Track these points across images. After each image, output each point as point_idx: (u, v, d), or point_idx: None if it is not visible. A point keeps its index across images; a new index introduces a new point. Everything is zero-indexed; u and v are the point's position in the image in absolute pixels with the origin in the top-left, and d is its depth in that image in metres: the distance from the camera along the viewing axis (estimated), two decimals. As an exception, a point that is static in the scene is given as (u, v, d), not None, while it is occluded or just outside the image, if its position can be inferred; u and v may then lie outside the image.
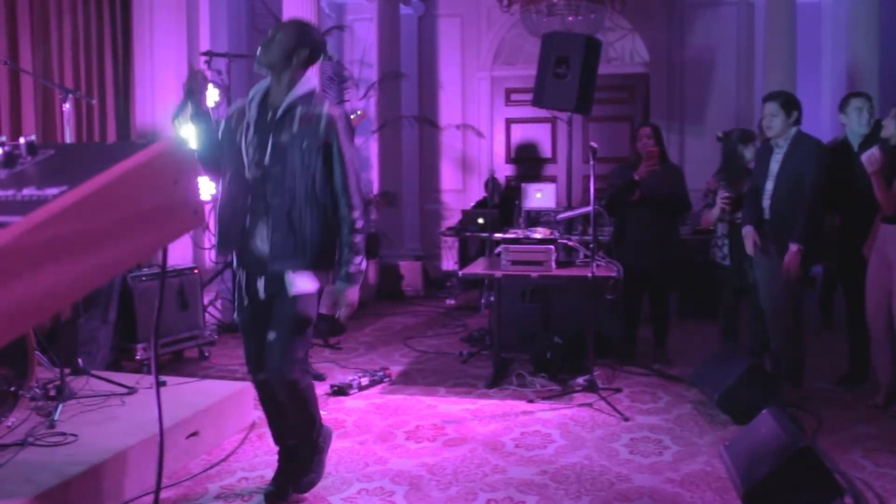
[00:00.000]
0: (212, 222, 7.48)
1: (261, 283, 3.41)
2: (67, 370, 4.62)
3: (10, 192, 0.78)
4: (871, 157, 4.63)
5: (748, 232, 5.19)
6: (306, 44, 3.38)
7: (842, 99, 5.54)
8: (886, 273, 4.80)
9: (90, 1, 6.62)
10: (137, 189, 0.77)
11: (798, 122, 5.03)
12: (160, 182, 0.80)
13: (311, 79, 3.45)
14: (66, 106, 4.59)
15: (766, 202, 5.05)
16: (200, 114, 3.31)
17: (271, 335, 3.38)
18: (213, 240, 7.47)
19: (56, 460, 3.62)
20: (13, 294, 0.64)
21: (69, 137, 4.56)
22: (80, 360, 4.84)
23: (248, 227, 3.39)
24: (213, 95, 7.21)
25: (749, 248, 5.19)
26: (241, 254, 3.45)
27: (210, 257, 7.61)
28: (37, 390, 4.35)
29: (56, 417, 4.09)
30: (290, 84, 3.34)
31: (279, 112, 3.31)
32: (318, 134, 3.31)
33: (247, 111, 3.37)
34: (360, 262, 3.48)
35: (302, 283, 3.37)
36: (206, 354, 6.38)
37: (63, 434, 3.91)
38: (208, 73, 7.27)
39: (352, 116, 5.87)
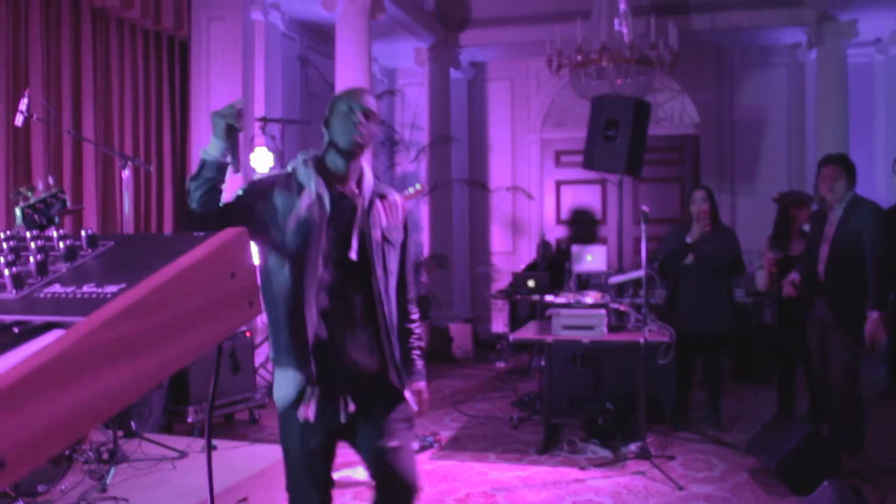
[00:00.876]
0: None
1: (345, 403, 2.66)
2: (120, 433, 4.66)
3: (70, 290, 0.79)
4: None
5: (793, 275, 5.13)
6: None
7: (894, 161, 5.45)
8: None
9: (150, 71, 6.84)
10: (196, 285, 0.78)
11: (854, 185, 4.96)
12: (218, 276, 0.81)
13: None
14: (126, 172, 4.71)
15: (821, 266, 4.96)
16: (233, 161, 2.61)
17: (393, 442, 2.71)
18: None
19: (108, 526, 3.64)
20: (72, 398, 0.66)
21: (128, 203, 4.67)
22: (132, 423, 4.89)
23: (336, 335, 2.65)
24: (266, 160, 7.36)
25: (785, 289, 5.13)
26: (320, 370, 2.62)
27: (262, 319, 7.67)
28: (90, 453, 4.40)
29: (108, 481, 4.13)
30: (360, 167, 2.77)
31: (367, 201, 2.72)
32: (400, 225, 2.85)
33: (308, 191, 2.63)
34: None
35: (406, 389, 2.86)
36: (257, 418, 6.40)
37: (115, 498, 3.94)
38: (263, 139, 7.43)
39: (409, 190, 5.90)
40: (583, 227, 10.61)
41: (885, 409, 6.35)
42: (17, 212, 3.28)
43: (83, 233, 0.91)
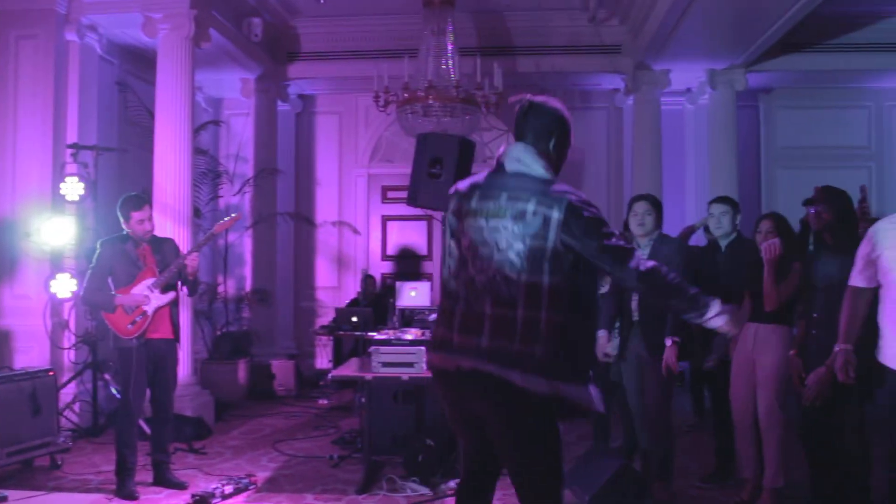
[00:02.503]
0: (72, 320, 7.19)
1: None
2: None
3: None
4: (771, 245, 4.78)
5: (601, 337, 5.28)
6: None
7: (709, 203, 5.72)
8: (750, 370, 4.93)
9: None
10: None
11: (661, 223, 5.19)
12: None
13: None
14: None
15: (634, 303, 5.14)
16: None
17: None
18: (73, 339, 7.14)
19: None
20: None
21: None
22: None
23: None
24: (77, 189, 6.99)
25: (599, 355, 5.27)
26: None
27: (69, 357, 7.24)
28: None
29: None
30: None
31: None
32: None
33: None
34: None
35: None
36: (59, 463, 5.98)
37: None
38: (75, 167, 7.05)
39: (225, 219, 5.74)
40: (408, 262, 10.64)
41: (690, 439, 6.64)
42: None
43: None
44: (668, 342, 4.91)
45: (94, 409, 7.11)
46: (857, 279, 3.93)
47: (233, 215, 5.78)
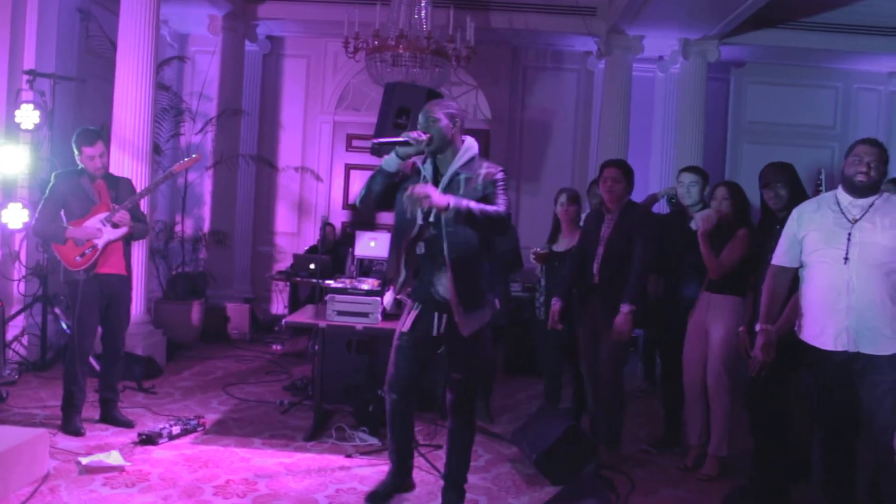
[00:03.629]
0: (23, 251, 7.04)
1: (436, 321, 3.98)
2: None
3: None
4: (707, 216, 4.82)
5: (553, 303, 5.32)
6: (457, 115, 3.94)
7: (679, 171, 5.70)
8: (703, 338, 4.98)
9: None
10: None
11: (631, 190, 5.18)
12: None
13: (472, 146, 4.00)
14: None
15: (596, 266, 5.14)
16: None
17: (456, 375, 4.05)
18: (24, 270, 6.99)
19: None
20: None
21: None
22: None
23: (427, 274, 3.97)
24: (32, 117, 6.80)
25: (549, 322, 5.30)
26: (416, 291, 4.03)
27: (18, 289, 7.10)
28: None
29: None
30: (453, 154, 3.95)
31: (446, 180, 3.91)
32: (478, 191, 3.86)
33: (423, 172, 3.95)
34: (471, 209, 3.71)
35: (476, 323, 3.95)
36: (4, 396, 5.88)
37: None
38: (31, 94, 6.86)
39: (185, 160, 5.66)
40: (369, 212, 10.56)
41: (640, 405, 6.71)
42: None
43: None
44: (625, 308, 4.92)
45: (43, 342, 7.00)
46: (781, 259, 4.01)
47: (193, 156, 5.69)
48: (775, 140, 10.31)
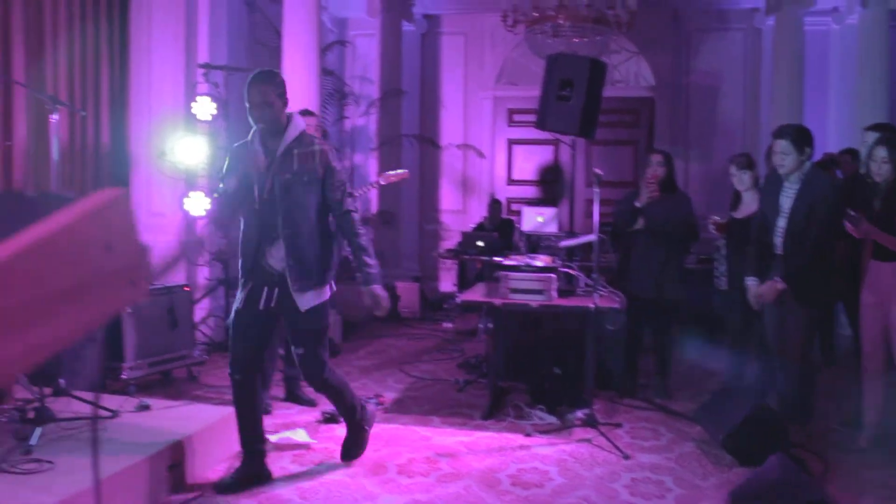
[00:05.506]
0: (205, 237, 7.37)
1: (265, 295, 3.98)
2: (48, 391, 4.44)
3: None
4: (856, 223, 4.54)
5: (750, 286, 5.01)
6: (282, 91, 3.96)
7: (864, 129, 5.32)
8: (882, 310, 4.64)
9: (87, 12, 6.48)
10: (59, 260, 0.60)
11: (810, 156, 4.85)
12: (89, 249, 0.63)
13: (299, 122, 4.02)
14: (55, 117, 4.43)
15: (779, 239, 4.86)
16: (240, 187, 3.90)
17: (299, 350, 4.04)
18: (207, 256, 7.34)
19: (27, 490, 3.44)
20: None
21: (56, 148, 4.40)
22: (61, 381, 4.65)
23: (260, 249, 3.97)
24: (209, 108, 7.08)
25: (753, 303, 5.01)
26: (252, 269, 4.01)
27: (203, 274, 7.44)
28: (14, 412, 4.18)
29: (33, 442, 3.91)
30: (282, 129, 3.94)
31: (278, 154, 3.90)
32: (316, 167, 3.93)
33: (252, 151, 3.90)
34: (375, 262, 4.05)
35: (313, 298, 3.98)
36: (196, 375, 6.20)
37: (39, 461, 3.73)
38: (206, 87, 7.14)
39: (390, 172, 5.94)
40: (534, 187, 10.48)
41: (824, 381, 6.36)
42: None
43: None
44: (779, 284, 4.68)
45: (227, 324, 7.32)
46: None
47: (400, 171, 5.90)
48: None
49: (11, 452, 3.81)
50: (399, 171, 5.99)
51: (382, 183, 5.92)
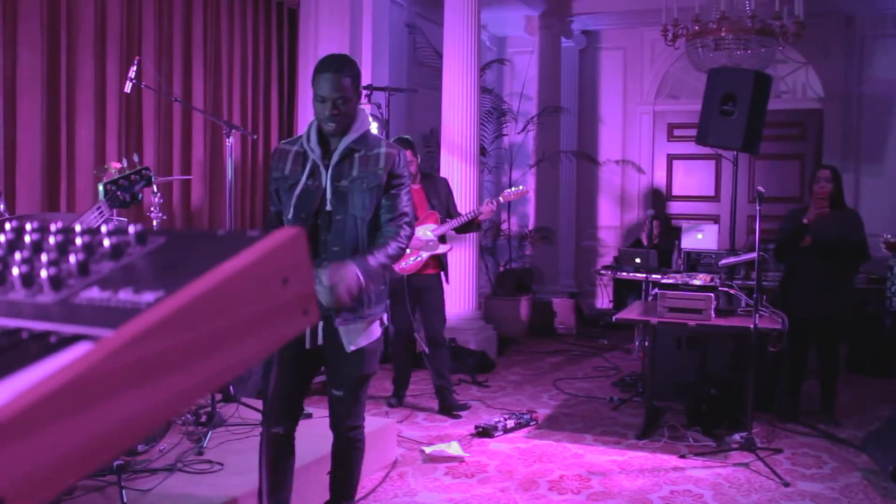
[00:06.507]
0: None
1: (309, 332, 3.13)
2: (219, 397, 4.74)
3: (106, 295, 0.72)
4: None
5: None
6: (359, 82, 3.17)
7: None
8: None
9: (259, 39, 6.89)
10: (242, 294, 0.70)
11: None
12: (268, 283, 0.73)
13: (365, 119, 3.20)
14: (230, 140, 4.73)
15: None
16: None
17: (338, 392, 3.25)
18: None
19: (201, 489, 3.69)
20: (87, 427, 0.58)
21: (230, 170, 4.71)
22: (231, 388, 4.95)
23: None
24: (372, 128, 7.32)
25: None
26: None
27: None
28: (189, 416, 4.48)
29: (205, 444, 4.20)
30: (349, 128, 3.10)
31: (336, 157, 3.09)
32: (379, 174, 3.11)
33: (303, 152, 3.16)
34: (383, 264, 3.08)
35: (361, 338, 3.18)
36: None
37: (210, 462, 4.00)
38: (369, 107, 7.41)
39: (513, 189, 6.05)
40: (694, 203, 10.26)
41: None
42: (100, 188, 3.28)
43: (131, 228, 0.84)
44: None
45: (386, 336, 7.54)
46: None
47: (521, 188, 6.00)
48: None
49: (186, 453, 4.10)
50: (519, 188, 6.08)
51: (502, 201, 6.03)
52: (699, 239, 7.55)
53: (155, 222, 4.73)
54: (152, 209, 4.63)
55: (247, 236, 0.77)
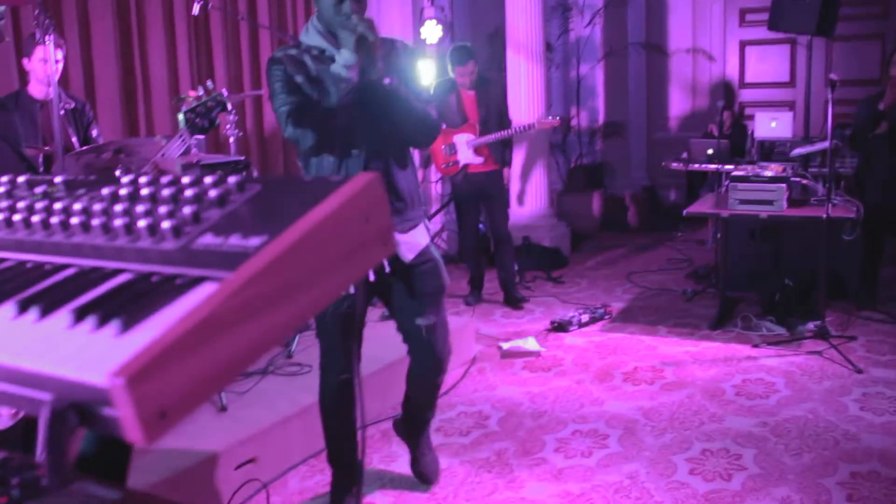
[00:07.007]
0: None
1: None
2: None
3: (219, 241, 0.85)
4: None
5: None
6: None
7: None
8: None
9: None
10: (333, 235, 0.83)
11: None
12: (354, 223, 0.86)
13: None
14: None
15: None
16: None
17: (427, 320, 3.01)
18: (438, 174, 7.73)
19: (292, 389, 3.95)
20: (220, 353, 0.72)
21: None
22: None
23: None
24: (436, 32, 7.33)
25: None
26: None
27: (436, 190, 7.83)
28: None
29: (293, 348, 4.45)
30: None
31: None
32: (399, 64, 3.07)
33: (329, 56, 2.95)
34: (410, 92, 2.97)
35: (415, 244, 2.97)
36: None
37: (299, 364, 4.26)
38: (433, 11, 7.39)
39: (549, 118, 6.19)
40: (768, 91, 10.02)
41: None
42: (180, 117, 3.45)
43: (231, 178, 0.96)
44: None
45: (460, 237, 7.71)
46: None
47: (553, 118, 6.17)
48: None
49: (277, 357, 4.36)
50: (556, 118, 6.26)
51: (537, 128, 6.12)
52: (773, 127, 7.42)
53: (231, 138, 4.91)
54: (228, 126, 4.82)
55: (331, 182, 0.90)
